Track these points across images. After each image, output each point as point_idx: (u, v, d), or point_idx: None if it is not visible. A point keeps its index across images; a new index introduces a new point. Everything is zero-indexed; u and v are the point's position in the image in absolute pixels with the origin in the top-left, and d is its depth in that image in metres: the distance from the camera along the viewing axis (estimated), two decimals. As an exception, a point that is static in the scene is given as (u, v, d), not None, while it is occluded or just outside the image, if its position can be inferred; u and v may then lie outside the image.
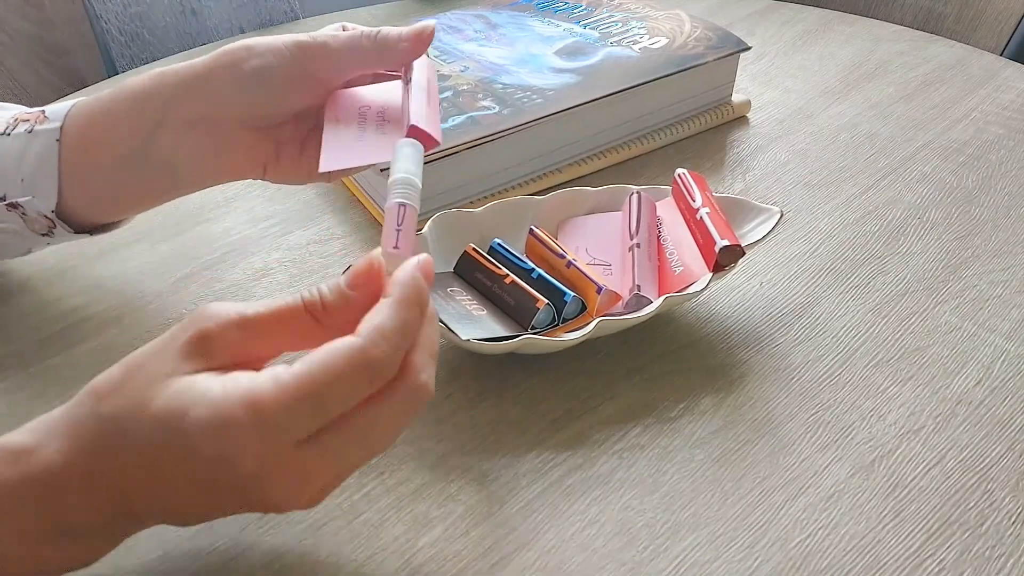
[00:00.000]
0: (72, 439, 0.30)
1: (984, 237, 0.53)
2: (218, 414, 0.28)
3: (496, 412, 0.43)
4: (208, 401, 0.28)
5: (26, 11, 0.81)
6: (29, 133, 0.43)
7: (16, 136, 0.43)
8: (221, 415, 0.28)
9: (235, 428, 0.28)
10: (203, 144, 0.43)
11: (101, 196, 0.45)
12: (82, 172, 0.43)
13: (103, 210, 0.46)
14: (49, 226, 0.45)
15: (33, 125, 0.43)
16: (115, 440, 0.30)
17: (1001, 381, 0.44)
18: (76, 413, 0.31)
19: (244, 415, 0.28)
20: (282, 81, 0.42)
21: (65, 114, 0.43)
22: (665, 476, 0.40)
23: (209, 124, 0.42)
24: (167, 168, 0.43)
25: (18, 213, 0.44)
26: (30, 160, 0.43)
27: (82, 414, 0.30)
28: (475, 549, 0.37)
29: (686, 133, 0.64)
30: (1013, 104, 0.67)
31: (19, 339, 0.48)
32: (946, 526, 0.37)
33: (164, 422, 0.29)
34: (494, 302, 0.45)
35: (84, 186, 0.44)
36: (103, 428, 0.30)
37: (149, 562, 0.36)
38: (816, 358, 0.45)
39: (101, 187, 0.44)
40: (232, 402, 0.28)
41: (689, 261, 0.46)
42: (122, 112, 0.42)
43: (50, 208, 0.44)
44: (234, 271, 0.52)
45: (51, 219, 0.44)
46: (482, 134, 0.55)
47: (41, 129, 0.43)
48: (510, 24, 0.69)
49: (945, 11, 0.95)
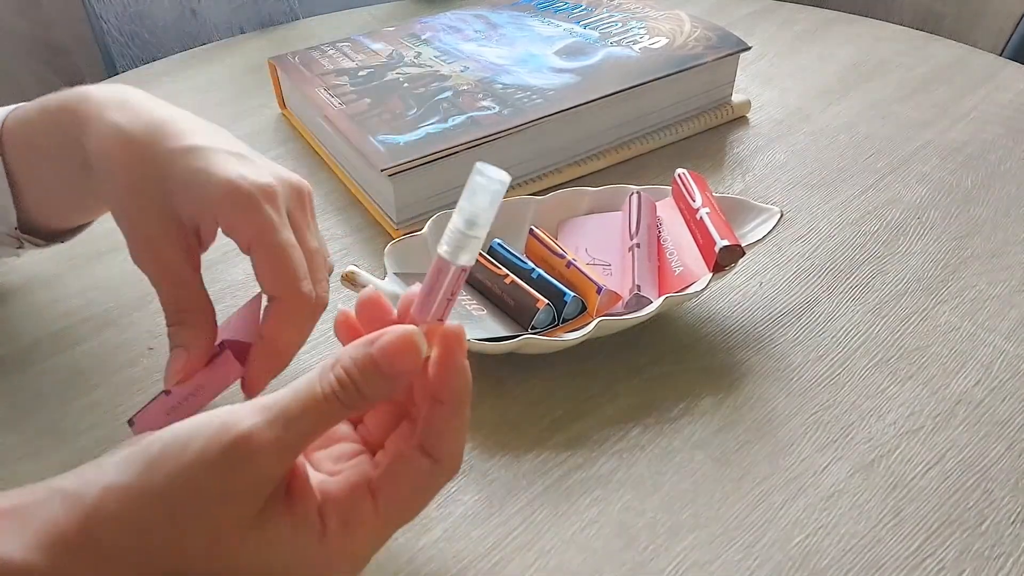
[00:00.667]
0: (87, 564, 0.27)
1: (983, 237, 0.53)
2: (325, 560, 0.29)
3: (496, 412, 0.43)
4: (309, 556, 0.29)
5: (25, 10, 0.80)
6: None
7: None
8: (329, 563, 0.29)
9: (340, 564, 0.30)
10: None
11: (58, 208, 0.44)
12: (32, 190, 0.43)
13: (67, 218, 0.46)
14: (17, 243, 0.45)
15: None
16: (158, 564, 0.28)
17: (1000, 381, 0.44)
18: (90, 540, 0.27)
19: (349, 553, 0.30)
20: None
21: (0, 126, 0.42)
22: (665, 476, 0.40)
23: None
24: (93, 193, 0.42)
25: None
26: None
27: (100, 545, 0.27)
28: (475, 549, 0.37)
29: (686, 133, 0.64)
30: (1012, 104, 0.67)
31: (18, 340, 0.48)
32: (946, 526, 0.37)
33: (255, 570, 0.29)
34: (494, 302, 0.45)
35: (38, 201, 0.43)
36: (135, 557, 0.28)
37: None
38: (816, 358, 0.45)
39: (56, 201, 0.44)
40: (337, 551, 0.29)
41: (689, 261, 0.46)
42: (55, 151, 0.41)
43: (12, 226, 0.44)
44: (234, 271, 0.52)
45: (16, 236, 0.44)
46: (482, 134, 0.55)
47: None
48: (510, 24, 0.69)
49: (944, 11, 0.95)
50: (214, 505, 0.27)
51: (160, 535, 0.27)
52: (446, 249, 0.28)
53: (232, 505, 0.28)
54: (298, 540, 0.29)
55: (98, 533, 0.27)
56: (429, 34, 0.68)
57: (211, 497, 0.27)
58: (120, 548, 0.27)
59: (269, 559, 0.28)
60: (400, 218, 0.55)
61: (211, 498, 0.27)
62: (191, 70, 0.76)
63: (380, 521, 0.30)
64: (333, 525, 0.29)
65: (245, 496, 0.28)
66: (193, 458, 0.27)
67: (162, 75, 0.75)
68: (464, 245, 0.28)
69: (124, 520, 0.27)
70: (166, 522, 0.27)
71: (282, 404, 0.28)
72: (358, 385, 0.28)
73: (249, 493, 0.28)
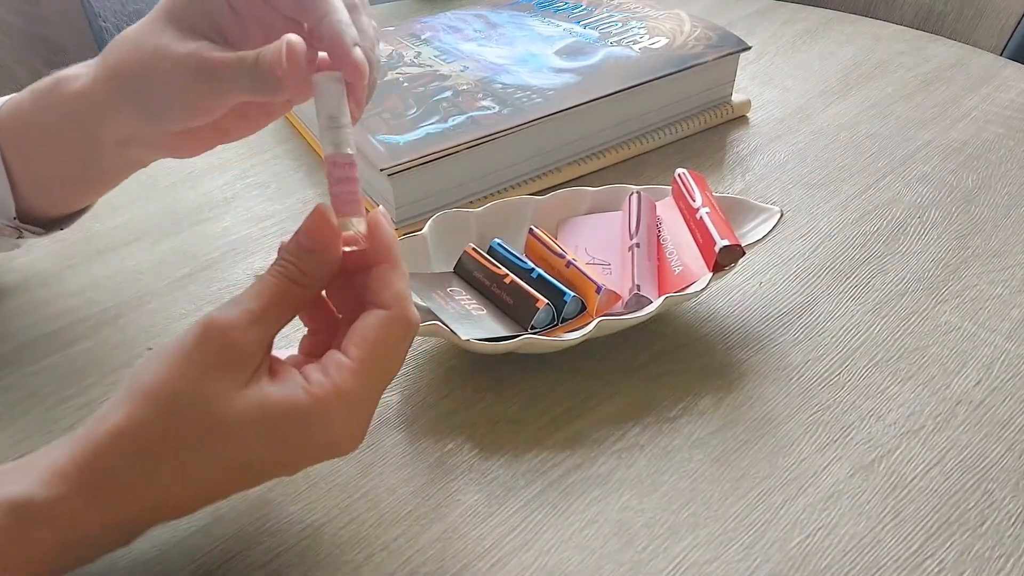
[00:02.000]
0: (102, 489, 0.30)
1: (984, 237, 0.53)
2: (316, 412, 0.31)
3: (495, 412, 0.43)
4: (301, 406, 0.31)
5: (22, 8, 0.80)
6: None
7: None
8: (320, 413, 0.31)
9: (335, 416, 0.31)
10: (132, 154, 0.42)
11: (57, 195, 0.45)
12: (30, 177, 0.43)
13: (63, 204, 0.46)
14: (16, 233, 0.45)
15: None
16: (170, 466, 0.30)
17: (1001, 381, 0.44)
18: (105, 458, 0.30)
19: (340, 404, 0.31)
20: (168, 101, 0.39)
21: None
22: (664, 476, 0.39)
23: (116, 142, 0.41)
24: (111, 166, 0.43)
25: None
26: None
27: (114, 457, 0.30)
28: (474, 549, 0.37)
29: (686, 133, 0.64)
30: (1013, 104, 0.67)
31: (16, 338, 0.48)
32: (946, 526, 0.37)
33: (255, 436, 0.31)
34: (494, 302, 0.45)
35: (36, 189, 0.44)
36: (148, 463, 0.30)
37: (147, 561, 0.36)
38: (815, 358, 0.45)
39: (54, 188, 0.44)
40: (326, 400, 0.31)
41: (689, 261, 0.46)
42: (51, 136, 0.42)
43: (10, 216, 0.44)
44: (233, 270, 0.52)
45: (15, 226, 0.44)
46: (482, 134, 0.54)
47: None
48: (510, 24, 0.69)
49: (945, 10, 0.95)
50: (197, 388, 0.30)
51: (150, 433, 0.30)
52: (329, 149, 0.34)
53: (216, 380, 0.30)
54: (286, 394, 0.31)
55: (91, 454, 0.30)
56: (429, 34, 0.68)
57: (195, 378, 0.30)
58: (113, 460, 0.30)
59: (261, 419, 0.30)
60: (400, 218, 0.55)
61: (195, 379, 0.30)
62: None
63: (359, 372, 0.32)
64: (315, 376, 0.31)
65: (227, 369, 0.30)
66: (173, 351, 0.30)
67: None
68: (336, 138, 0.34)
69: (114, 431, 0.30)
70: (155, 417, 0.30)
71: (245, 293, 0.32)
72: (295, 263, 0.33)
73: (230, 366, 0.30)
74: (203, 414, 0.30)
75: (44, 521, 0.29)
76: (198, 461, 0.30)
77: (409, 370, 0.45)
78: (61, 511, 0.30)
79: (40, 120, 0.42)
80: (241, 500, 0.39)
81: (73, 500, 0.30)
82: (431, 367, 0.45)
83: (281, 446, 0.31)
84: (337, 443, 0.33)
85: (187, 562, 0.36)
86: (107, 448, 0.30)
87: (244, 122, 0.43)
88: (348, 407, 0.32)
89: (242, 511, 0.38)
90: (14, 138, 0.43)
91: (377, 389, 0.34)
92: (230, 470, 0.31)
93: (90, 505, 0.30)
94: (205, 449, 0.30)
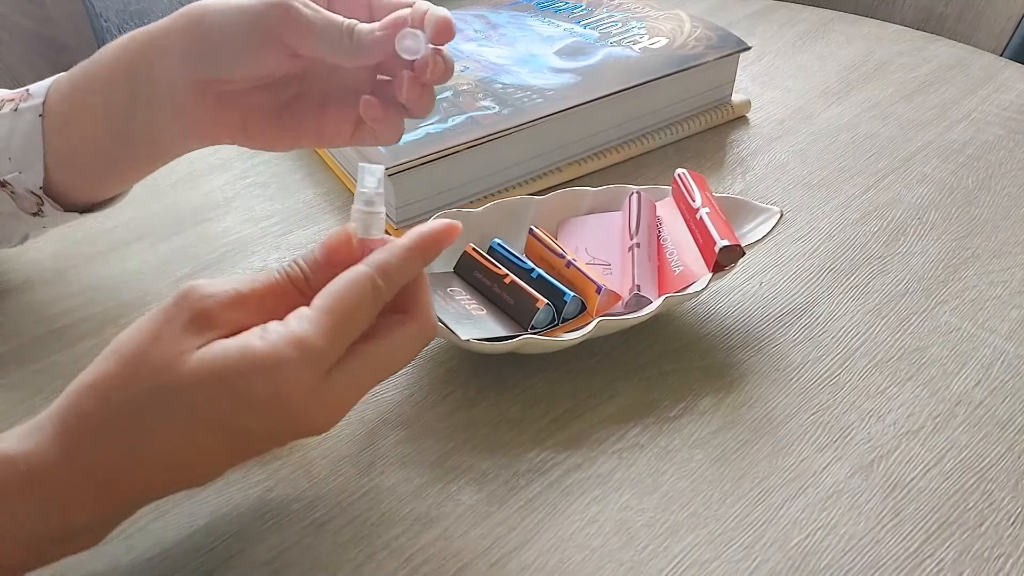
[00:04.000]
0: (72, 438, 0.30)
1: (984, 237, 0.53)
2: (267, 357, 0.30)
3: (495, 411, 0.43)
4: (253, 351, 0.30)
5: (26, 8, 0.80)
6: (15, 112, 0.43)
7: (3, 116, 0.44)
8: (271, 358, 0.30)
9: (287, 366, 0.30)
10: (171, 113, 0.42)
11: (85, 168, 0.45)
12: (65, 146, 0.43)
13: (89, 184, 0.46)
14: (38, 203, 0.45)
15: (18, 104, 0.44)
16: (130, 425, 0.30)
17: (1000, 382, 0.44)
18: (76, 410, 0.31)
19: (293, 352, 0.30)
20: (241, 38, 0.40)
21: (47, 89, 0.43)
22: (664, 476, 0.40)
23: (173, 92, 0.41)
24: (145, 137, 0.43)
25: (7, 192, 0.44)
26: (17, 139, 0.43)
27: (84, 410, 0.31)
28: (475, 548, 0.37)
29: (686, 133, 0.64)
30: (1013, 105, 0.67)
31: (18, 337, 0.48)
32: (945, 526, 0.37)
33: (204, 388, 0.30)
34: (494, 302, 0.45)
35: (68, 159, 0.44)
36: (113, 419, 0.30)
37: (150, 559, 0.36)
38: (815, 358, 0.45)
39: (85, 160, 0.44)
40: (279, 345, 0.30)
41: (689, 261, 0.46)
42: (95, 87, 0.42)
43: (37, 184, 0.44)
44: (234, 271, 0.52)
45: (39, 195, 0.44)
46: (482, 134, 0.55)
47: (25, 107, 0.43)
48: (510, 24, 0.69)
49: (945, 11, 0.95)
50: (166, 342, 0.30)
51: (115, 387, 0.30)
52: (354, 227, 0.34)
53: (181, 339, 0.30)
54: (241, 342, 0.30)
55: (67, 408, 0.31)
56: (430, 34, 0.68)
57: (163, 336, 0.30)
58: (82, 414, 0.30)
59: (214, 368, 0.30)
60: (400, 218, 0.55)
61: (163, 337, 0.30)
62: (192, 69, 0.76)
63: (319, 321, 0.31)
64: (273, 325, 0.31)
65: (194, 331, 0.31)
66: (153, 312, 0.31)
67: (163, 74, 0.75)
68: (370, 222, 0.34)
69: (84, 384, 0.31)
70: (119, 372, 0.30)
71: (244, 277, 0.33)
72: (303, 269, 0.33)
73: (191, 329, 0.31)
74: (162, 371, 0.30)
75: (20, 472, 0.30)
76: (157, 418, 0.30)
77: (409, 370, 0.45)
78: (36, 461, 0.30)
79: (90, 76, 0.42)
80: (243, 498, 0.39)
81: (46, 451, 0.30)
82: (431, 367, 0.45)
83: (233, 398, 0.30)
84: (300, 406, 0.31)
85: (189, 560, 0.36)
86: (78, 402, 0.31)
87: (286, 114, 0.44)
88: (306, 358, 0.30)
89: (244, 509, 0.38)
90: (60, 106, 0.43)
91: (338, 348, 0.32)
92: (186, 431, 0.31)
93: (63, 455, 0.30)
94: (162, 405, 0.30)
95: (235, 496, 0.39)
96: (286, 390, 0.30)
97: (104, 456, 0.31)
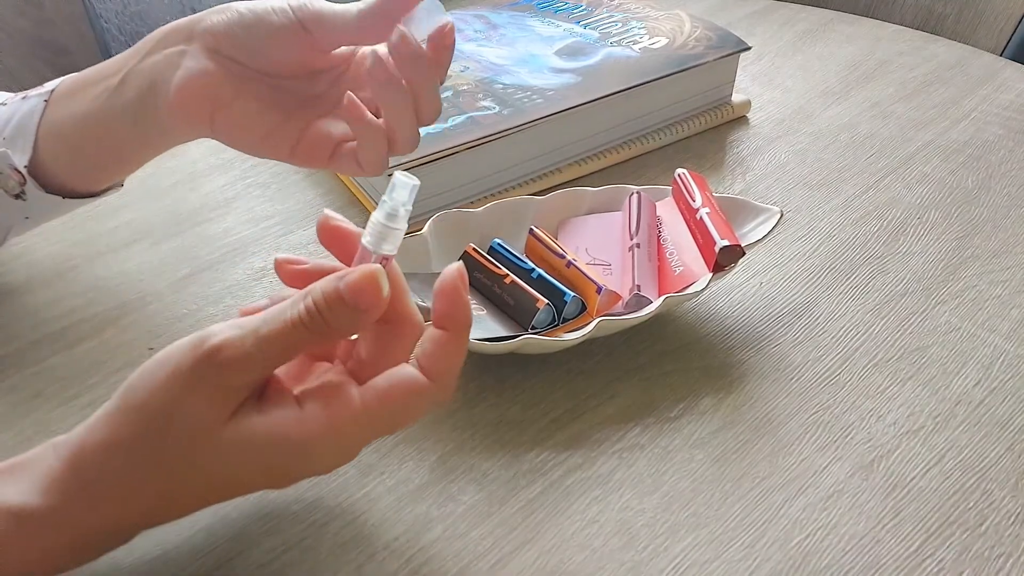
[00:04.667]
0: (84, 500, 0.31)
1: (984, 237, 0.53)
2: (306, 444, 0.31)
3: (496, 412, 0.43)
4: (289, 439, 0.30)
5: (26, 10, 0.80)
6: (23, 99, 0.44)
7: (11, 103, 0.44)
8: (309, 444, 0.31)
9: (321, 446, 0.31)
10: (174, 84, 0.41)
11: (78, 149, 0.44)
12: (60, 123, 0.43)
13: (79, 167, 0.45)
14: (20, 182, 0.44)
15: (29, 93, 0.44)
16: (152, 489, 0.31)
17: (1000, 381, 0.44)
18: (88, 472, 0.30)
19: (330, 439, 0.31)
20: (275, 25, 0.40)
21: (59, 82, 0.44)
22: (665, 476, 0.40)
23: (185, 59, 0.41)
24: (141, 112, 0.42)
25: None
26: (16, 120, 0.44)
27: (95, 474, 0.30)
28: (475, 549, 0.37)
29: (686, 133, 0.64)
30: (1013, 104, 0.67)
31: (18, 339, 0.48)
32: (945, 526, 0.37)
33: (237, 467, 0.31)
34: (494, 302, 0.45)
35: (61, 138, 0.43)
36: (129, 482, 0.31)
37: (149, 561, 0.36)
38: (816, 358, 0.45)
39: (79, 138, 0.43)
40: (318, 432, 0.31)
41: (689, 261, 0.46)
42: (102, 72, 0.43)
43: (23, 163, 0.43)
44: (234, 271, 0.52)
45: (22, 174, 0.44)
46: (482, 134, 0.55)
47: (34, 94, 0.44)
48: (510, 24, 0.69)
49: (945, 11, 0.95)
50: (187, 412, 0.30)
51: (141, 448, 0.30)
52: (369, 240, 0.32)
53: (206, 407, 0.30)
54: (275, 425, 0.30)
55: (85, 464, 0.30)
56: (429, 34, 0.68)
57: (184, 405, 0.30)
58: (106, 471, 0.31)
59: (246, 447, 0.30)
60: (400, 218, 0.55)
61: (184, 406, 0.30)
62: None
63: (362, 421, 0.31)
64: (311, 407, 0.31)
65: (214, 401, 0.30)
66: (169, 372, 0.30)
67: (163, 75, 0.75)
68: (386, 235, 0.32)
69: (107, 443, 0.30)
70: (145, 434, 0.30)
71: (255, 324, 0.30)
72: (324, 315, 0.30)
73: (218, 399, 0.30)
74: (190, 436, 0.30)
75: (44, 528, 0.30)
76: (184, 475, 0.31)
77: (410, 370, 0.45)
78: (60, 518, 0.30)
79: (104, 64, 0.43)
80: (243, 500, 0.39)
81: (70, 508, 0.30)
82: (432, 367, 0.45)
83: (266, 471, 0.32)
84: (323, 469, 0.33)
85: (189, 561, 0.36)
86: (100, 460, 0.30)
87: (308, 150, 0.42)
88: (338, 445, 0.31)
89: (244, 511, 0.38)
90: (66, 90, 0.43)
91: (376, 435, 0.33)
92: (215, 484, 0.32)
93: (86, 511, 0.31)
94: (190, 466, 0.31)
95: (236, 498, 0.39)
96: (316, 462, 0.32)
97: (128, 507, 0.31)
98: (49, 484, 0.30)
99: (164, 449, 0.30)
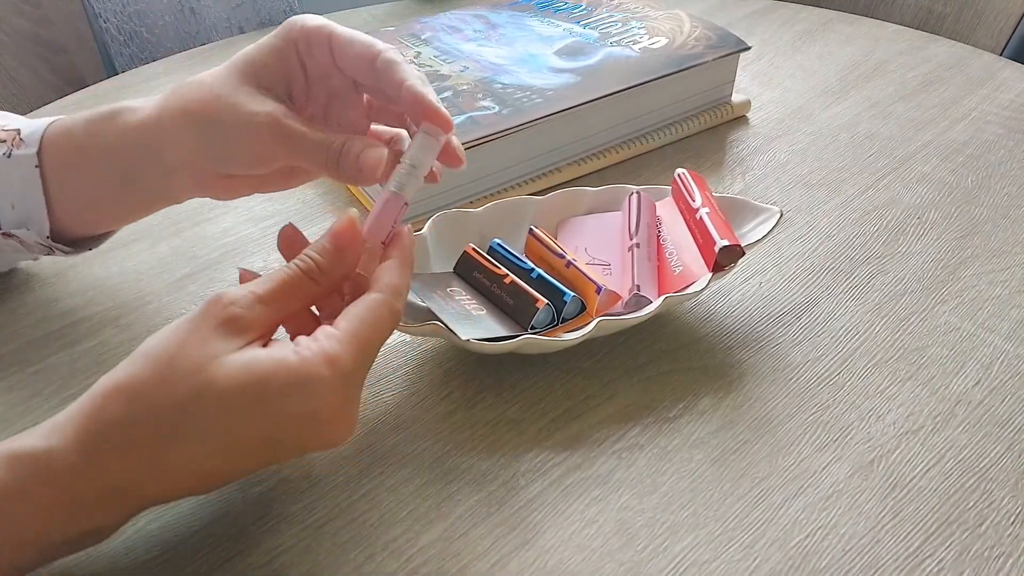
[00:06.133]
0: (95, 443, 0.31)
1: (983, 237, 0.53)
2: (304, 374, 0.32)
3: (495, 412, 0.43)
4: (289, 366, 0.32)
5: (23, 9, 0.80)
6: (8, 158, 0.43)
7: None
8: (307, 375, 0.32)
9: (321, 383, 0.32)
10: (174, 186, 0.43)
11: (90, 218, 0.46)
12: (67, 199, 0.44)
13: (97, 227, 0.47)
14: (46, 251, 0.46)
15: (11, 149, 0.44)
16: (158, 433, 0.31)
17: (1000, 381, 0.44)
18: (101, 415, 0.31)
19: (326, 370, 0.32)
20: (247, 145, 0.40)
21: (39, 139, 0.43)
22: (664, 476, 0.40)
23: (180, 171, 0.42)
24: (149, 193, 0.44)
25: (16, 240, 0.45)
26: (16, 188, 0.44)
27: (109, 415, 0.31)
28: (474, 549, 0.37)
29: (686, 133, 0.64)
30: (1012, 104, 0.67)
31: (18, 338, 0.48)
32: (945, 526, 0.37)
33: (239, 396, 0.31)
34: (494, 302, 0.45)
35: (72, 211, 0.45)
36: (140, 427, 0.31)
37: (148, 561, 0.36)
38: (815, 358, 0.45)
39: (89, 211, 0.45)
40: (314, 362, 0.32)
41: (689, 261, 0.46)
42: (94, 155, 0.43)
43: (44, 235, 0.45)
44: (233, 271, 0.52)
45: (47, 244, 0.45)
46: (482, 134, 0.55)
47: (20, 155, 0.43)
48: (510, 24, 0.69)
49: (945, 11, 0.95)
50: (197, 348, 0.32)
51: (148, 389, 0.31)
52: (396, 183, 0.38)
53: (212, 345, 0.32)
54: (275, 355, 0.32)
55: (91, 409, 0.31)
56: (429, 34, 0.68)
57: (194, 343, 0.32)
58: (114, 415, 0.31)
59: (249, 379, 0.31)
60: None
61: (194, 343, 0.32)
62: (191, 69, 0.76)
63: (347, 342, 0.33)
64: (304, 342, 0.33)
65: (223, 336, 0.32)
66: (181, 321, 0.33)
67: (161, 74, 0.75)
68: (407, 183, 0.38)
69: (115, 388, 0.31)
70: (154, 374, 0.31)
71: (261, 278, 0.34)
72: (315, 259, 0.35)
73: (227, 334, 0.32)
74: (195, 374, 0.31)
75: (41, 473, 0.30)
76: (188, 425, 0.31)
77: (409, 370, 0.45)
78: (57, 463, 0.30)
79: (92, 144, 0.43)
80: (241, 500, 0.39)
81: (69, 452, 0.31)
82: (431, 367, 0.45)
83: (268, 412, 0.32)
84: (327, 421, 0.33)
85: (188, 562, 0.36)
86: (104, 404, 0.31)
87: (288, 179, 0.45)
88: (337, 377, 0.32)
89: (242, 511, 0.38)
90: (59, 160, 0.44)
91: (362, 370, 0.34)
92: (217, 441, 0.32)
93: (85, 460, 0.31)
94: (193, 413, 0.31)
95: (234, 497, 0.39)
96: (319, 405, 0.32)
97: (127, 464, 0.31)
98: (50, 430, 0.31)
99: (168, 390, 0.31)
